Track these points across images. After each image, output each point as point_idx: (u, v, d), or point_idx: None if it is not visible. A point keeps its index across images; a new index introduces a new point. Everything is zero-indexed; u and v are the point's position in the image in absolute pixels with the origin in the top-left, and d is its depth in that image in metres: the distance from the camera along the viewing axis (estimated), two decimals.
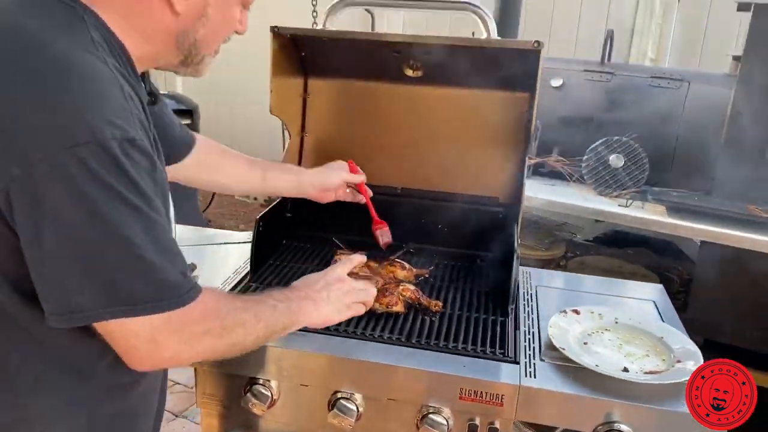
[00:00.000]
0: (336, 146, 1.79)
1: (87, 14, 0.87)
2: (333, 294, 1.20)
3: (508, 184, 1.69)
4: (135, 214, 0.81)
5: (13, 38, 0.82)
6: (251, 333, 1.00)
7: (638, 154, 2.37)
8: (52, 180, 0.76)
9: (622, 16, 3.63)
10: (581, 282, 1.69)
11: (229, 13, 1.00)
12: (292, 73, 1.73)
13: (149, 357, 0.89)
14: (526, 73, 1.50)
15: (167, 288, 0.86)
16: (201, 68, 1.04)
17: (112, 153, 0.78)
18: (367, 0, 1.93)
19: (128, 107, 0.83)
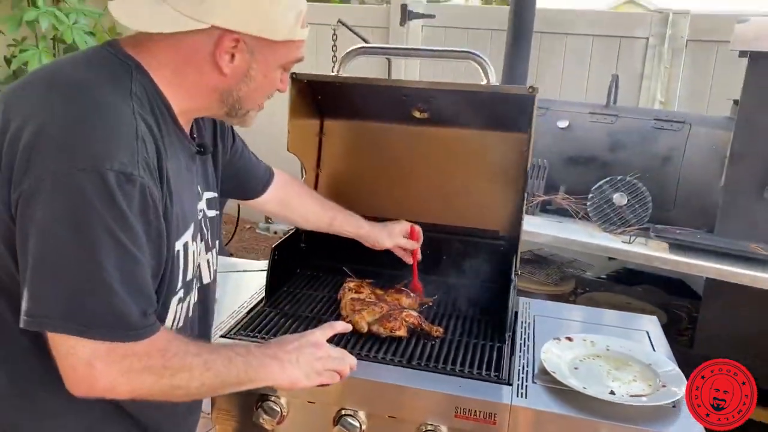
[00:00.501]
0: (348, 181, 1.92)
1: (138, 71, 1.01)
2: (303, 358, 1.14)
3: (509, 218, 1.79)
4: (114, 243, 0.89)
5: (61, 83, 0.98)
6: (196, 379, 0.99)
7: (641, 192, 2.46)
8: (50, 195, 0.87)
9: (631, 61, 3.74)
10: (578, 312, 1.77)
11: (270, 74, 1.11)
12: (309, 115, 1.87)
13: (85, 381, 0.92)
14: (524, 115, 1.62)
15: (122, 320, 0.91)
16: (246, 120, 1.16)
17: (108, 183, 0.88)
18: (378, 49, 2.08)
19: (135, 147, 0.92)
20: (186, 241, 1.10)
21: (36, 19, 4.35)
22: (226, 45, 1.02)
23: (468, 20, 4.17)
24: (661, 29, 3.60)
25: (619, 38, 3.77)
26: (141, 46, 1.04)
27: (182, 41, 1.02)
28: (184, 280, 1.12)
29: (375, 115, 1.85)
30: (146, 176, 0.93)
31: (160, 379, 0.96)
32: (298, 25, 1.08)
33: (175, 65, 1.04)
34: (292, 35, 1.08)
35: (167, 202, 1.01)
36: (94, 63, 1.01)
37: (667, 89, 3.65)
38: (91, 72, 0.99)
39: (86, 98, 0.94)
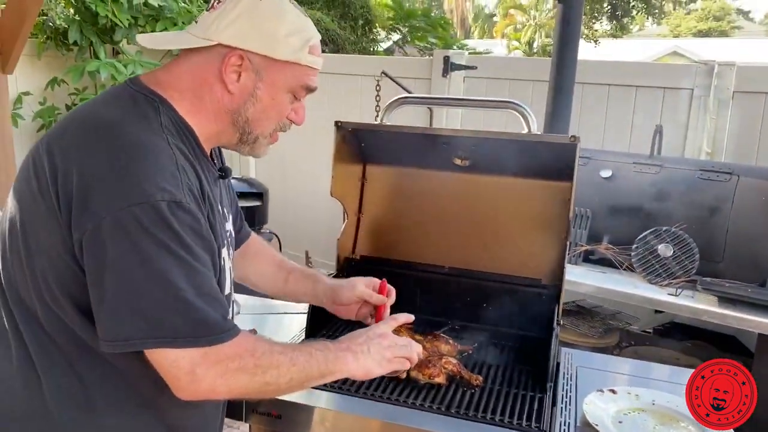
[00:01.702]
0: (389, 227, 1.94)
1: (162, 105, 1.09)
2: (374, 348, 1.22)
3: (551, 267, 1.77)
4: (178, 262, 0.97)
5: (98, 125, 1.05)
6: (285, 375, 1.07)
7: (688, 244, 2.41)
8: (113, 233, 0.95)
9: (676, 112, 3.71)
10: (622, 364, 1.72)
11: (277, 97, 1.15)
12: (352, 161, 1.91)
13: (189, 387, 1.00)
14: (566, 164, 1.62)
15: (205, 326, 0.99)
16: (257, 148, 1.21)
17: (161, 212, 0.96)
18: (420, 99, 2.13)
19: (179, 176, 1.01)
20: (224, 257, 1.17)
21: (97, 69, 4.61)
22: (232, 62, 1.09)
23: (509, 71, 4.23)
24: (706, 80, 3.58)
25: (662, 89, 3.76)
26: (160, 80, 1.12)
27: (194, 64, 1.11)
28: (224, 294, 1.17)
29: (416, 162, 1.88)
30: (191, 201, 1.01)
31: (254, 377, 1.04)
32: (304, 50, 1.14)
33: (191, 92, 1.11)
34: (297, 58, 1.13)
35: (210, 218, 1.09)
36: (122, 101, 1.09)
37: (714, 140, 3.60)
38: (121, 110, 1.06)
39: (123, 137, 1.01)
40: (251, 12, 1.10)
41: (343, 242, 1.89)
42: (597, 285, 2.46)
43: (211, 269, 1.06)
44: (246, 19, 1.09)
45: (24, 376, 1.06)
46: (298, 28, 1.14)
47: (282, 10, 1.12)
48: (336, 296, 1.52)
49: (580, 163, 2.76)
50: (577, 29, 2.83)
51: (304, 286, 1.56)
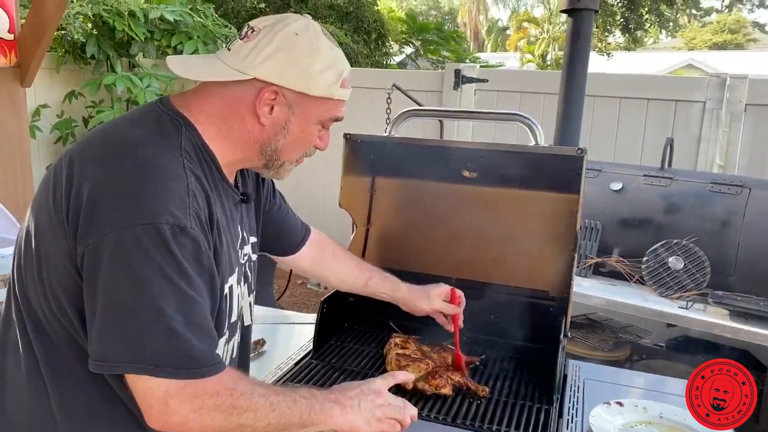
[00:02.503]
0: (398, 238, 1.95)
1: (187, 127, 1.09)
2: (365, 404, 1.17)
3: (559, 279, 1.77)
4: (172, 288, 0.96)
5: (119, 142, 1.06)
6: (262, 419, 1.03)
7: (699, 257, 2.39)
8: (112, 250, 0.95)
9: (688, 124, 3.71)
10: (630, 377, 1.72)
11: (307, 129, 1.16)
12: (361, 173, 1.93)
13: (160, 417, 0.97)
14: (573, 176, 1.63)
15: (188, 358, 0.96)
16: (281, 172, 1.22)
17: (163, 235, 0.95)
18: (428, 112, 2.15)
19: (187, 201, 1.00)
20: (232, 284, 1.16)
21: (114, 82, 4.69)
22: (266, 97, 1.10)
23: (520, 84, 4.25)
24: (718, 93, 3.58)
25: (674, 102, 3.76)
26: (190, 102, 1.13)
27: (227, 93, 1.11)
28: (229, 322, 1.17)
29: (425, 174, 1.90)
30: (197, 227, 1.00)
31: (229, 416, 1.00)
32: (337, 84, 1.14)
33: (220, 119, 1.12)
34: (330, 93, 1.14)
35: (217, 246, 1.08)
36: (146, 121, 1.10)
37: (726, 153, 3.59)
38: (143, 130, 1.07)
39: (140, 157, 1.01)
40: (288, 47, 1.09)
41: (351, 252, 1.91)
42: (607, 297, 2.45)
43: (208, 299, 1.04)
44: (282, 54, 1.09)
45: (32, 386, 1.07)
46: (331, 62, 1.13)
47: (318, 45, 1.12)
48: (414, 306, 1.61)
49: (590, 175, 2.78)
50: (587, 43, 2.85)
51: (383, 288, 1.63)
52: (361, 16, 9.19)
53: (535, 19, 24.36)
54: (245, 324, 1.30)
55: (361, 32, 9.13)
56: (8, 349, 1.11)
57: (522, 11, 28.95)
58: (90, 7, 4.72)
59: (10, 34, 3.05)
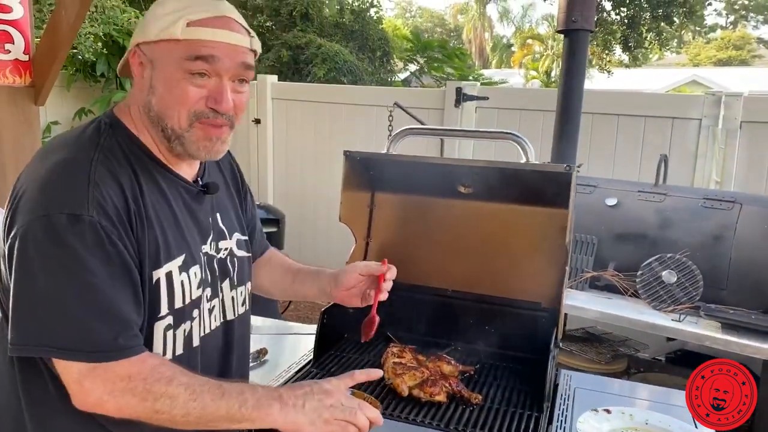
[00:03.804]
0: (396, 252, 2.01)
1: (114, 127, 1.16)
2: (310, 404, 1.10)
3: (551, 291, 1.83)
4: (70, 277, 1.01)
5: (46, 151, 1.15)
6: (180, 407, 1.03)
7: (692, 270, 2.45)
8: (19, 245, 1.03)
9: (685, 141, 3.78)
10: (620, 386, 1.77)
11: (170, 79, 1.12)
12: (361, 188, 2.00)
13: (78, 396, 1.03)
14: (563, 192, 1.70)
15: (90, 342, 1.01)
16: (186, 144, 1.15)
17: (58, 225, 1.01)
18: (424, 130, 2.23)
19: (87, 191, 1.03)
20: (170, 270, 1.15)
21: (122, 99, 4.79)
22: (134, 61, 1.16)
23: (520, 102, 4.33)
24: (714, 111, 3.64)
25: (671, 119, 3.83)
26: (124, 104, 1.21)
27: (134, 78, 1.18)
28: (172, 308, 1.16)
29: (423, 189, 1.97)
30: (98, 214, 1.03)
31: (143, 401, 1.02)
32: (178, 24, 1.10)
33: (136, 107, 1.18)
34: (170, 34, 1.10)
35: (139, 232, 1.10)
36: (81, 128, 1.17)
37: (723, 169, 3.64)
38: (71, 136, 1.15)
39: (56, 159, 1.08)
40: (148, 12, 1.16)
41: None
42: (602, 311, 2.50)
43: (118, 285, 1.05)
44: (143, 18, 1.16)
45: (9, 378, 1.15)
46: (178, 7, 1.12)
47: None
48: (339, 281, 1.48)
49: (585, 191, 2.85)
50: (583, 61, 2.93)
51: (309, 282, 1.54)
52: (366, 34, 9.35)
53: (539, 36, 24.56)
54: (227, 318, 1.32)
55: (366, 50, 9.28)
56: None
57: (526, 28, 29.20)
58: (101, 27, 4.85)
59: (25, 55, 3.15)
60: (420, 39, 11.31)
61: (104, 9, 4.91)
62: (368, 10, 9.64)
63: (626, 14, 9.54)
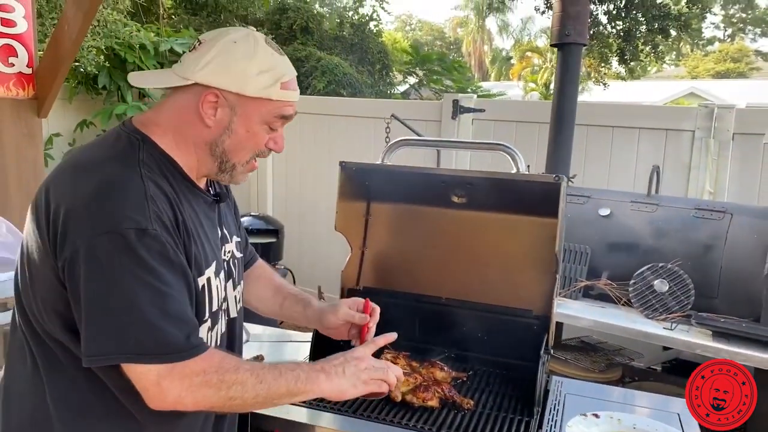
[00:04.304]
0: (391, 260, 2.06)
1: (144, 142, 1.21)
2: (349, 369, 1.25)
3: (542, 299, 1.87)
4: (143, 285, 1.07)
5: (84, 165, 1.19)
6: (250, 390, 1.13)
7: (683, 279, 2.48)
8: (86, 259, 1.06)
9: (679, 152, 3.82)
10: (610, 392, 1.80)
11: (252, 129, 1.25)
12: (356, 198, 2.04)
13: (156, 397, 1.09)
14: (552, 202, 1.74)
15: (166, 344, 1.08)
16: (235, 175, 1.30)
17: (128, 239, 1.06)
18: (418, 141, 2.27)
19: (147, 206, 1.10)
20: (209, 277, 1.25)
21: (124, 112, 4.86)
22: (208, 99, 1.21)
23: (516, 114, 4.38)
24: (706, 123, 3.69)
25: (665, 131, 3.87)
26: (147, 119, 1.26)
27: (176, 102, 1.24)
28: (211, 311, 1.27)
29: (417, 199, 2.01)
30: (159, 227, 1.11)
31: (218, 392, 1.11)
32: (275, 86, 1.23)
33: (173, 127, 1.24)
34: (268, 94, 1.23)
35: (186, 243, 1.18)
36: (108, 142, 1.22)
37: (716, 180, 3.69)
38: (103, 151, 1.20)
39: (102, 174, 1.13)
40: (225, 53, 1.20)
41: (347, 274, 2.02)
42: (595, 319, 2.54)
43: (182, 290, 1.14)
44: (220, 59, 1.20)
45: (33, 388, 1.19)
46: (270, 66, 1.23)
47: (254, 50, 1.22)
48: (323, 320, 1.56)
49: (579, 201, 2.89)
50: (576, 74, 2.98)
51: (296, 311, 1.62)
52: (366, 47, 9.44)
53: (538, 48, 24.73)
54: (231, 316, 1.40)
55: (365, 63, 9.36)
56: (14, 357, 1.25)
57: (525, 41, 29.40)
58: (103, 41, 4.92)
59: (29, 68, 3.21)
60: (419, 52, 11.40)
61: (106, 23, 4.98)
62: (368, 24, 9.73)
63: (622, 27, 9.64)
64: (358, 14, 9.93)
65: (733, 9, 32.30)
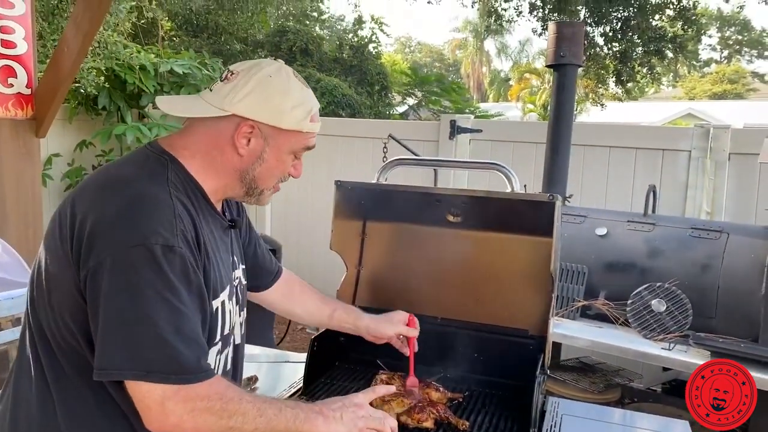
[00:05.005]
0: (387, 279, 2.05)
1: (172, 162, 1.23)
2: (347, 416, 1.25)
3: (537, 319, 1.86)
4: (163, 302, 1.07)
5: (112, 181, 1.20)
6: (250, 422, 1.12)
7: (681, 299, 2.47)
8: (110, 270, 1.07)
9: (675, 172, 3.84)
10: (607, 413, 1.78)
11: (281, 158, 1.31)
12: (352, 217, 2.04)
13: (158, 418, 1.08)
14: (547, 221, 1.74)
15: (178, 365, 1.07)
16: (262, 199, 1.35)
17: (154, 254, 1.07)
18: (414, 161, 2.28)
19: (174, 223, 1.12)
20: (223, 300, 1.27)
21: (124, 132, 4.88)
22: (244, 130, 1.24)
23: (513, 134, 4.41)
24: (703, 143, 3.71)
25: (661, 151, 3.89)
26: (174, 141, 1.28)
27: (208, 129, 1.26)
28: (222, 334, 1.28)
29: (413, 218, 2.01)
30: (184, 246, 1.13)
31: (219, 420, 1.10)
32: (306, 119, 1.30)
33: (203, 152, 1.26)
34: (300, 127, 1.29)
35: (205, 264, 1.20)
36: (136, 161, 1.25)
37: (713, 200, 3.69)
38: (133, 168, 1.22)
39: (131, 189, 1.15)
40: (263, 87, 1.24)
41: (342, 293, 2.01)
42: (593, 339, 2.52)
43: (196, 312, 1.15)
44: (257, 93, 1.24)
45: (42, 405, 1.19)
46: (301, 101, 1.29)
47: (289, 86, 1.28)
48: (378, 331, 1.69)
49: (576, 221, 2.89)
50: (572, 95, 3.00)
51: (347, 322, 1.72)
52: (365, 69, 9.52)
53: (536, 70, 24.93)
54: (236, 343, 1.41)
55: (364, 84, 9.44)
56: (23, 373, 1.23)
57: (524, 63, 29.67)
58: (103, 62, 4.96)
59: (28, 88, 3.24)
60: (418, 73, 11.50)
61: (107, 44, 5.02)
62: (367, 46, 9.83)
63: (618, 49, 9.73)
64: (358, 36, 10.03)
65: (729, 31, 32.65)
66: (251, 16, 9.69)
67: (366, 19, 10.12)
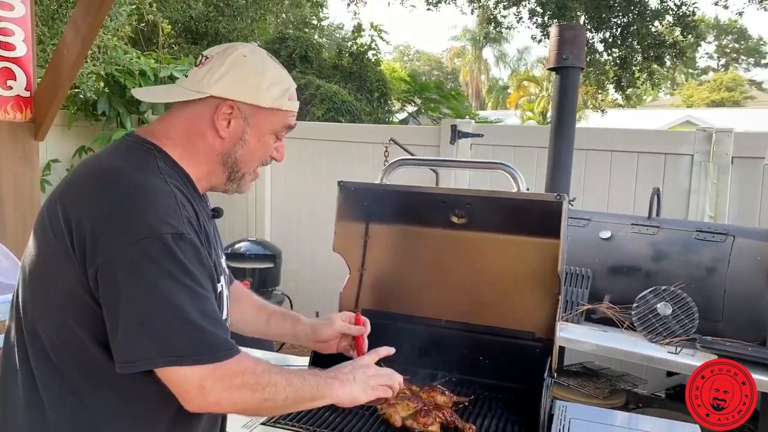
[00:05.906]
0: (391, 282, 2.02)
1: (158, 152, 1.21)
2: (359, 376, 1.30)
3: (544, 321, 1.83)
4: (183, 288, 1.07)
5: (102, 173, 1.17)
6: (281, 392, 1.15)
7: (687, 302, 2.44)
8: (124, 265, 1.06)
9: (678, 176, 3.81)
10: (615, 417, 1.75)
11: (263, 139, 1.29)
12: (355, 219, 2.02)
13: (197, 399, 1.09)
14: (554, 222, 1.71)
15: (209, 345, 1.08)
16: (242, 185, 1.33)
17: (167, 243, 1.07)
18: (417, 161, 2.26)
19: (179, 211, 1.12)
20: (222, 284, 1.28)
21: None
22: (224, 111, 1.23)
23: (514, 138, 4.39)
24: (705, 147, 3.69)
25: (664, 155, 3.87)
26: (155, 131, 1.26)
27: (187, 114, 1.25)
28: (223, 317, 1.27)
29: (417, 220, 1.99)
30: (191, 232, 1.13)
31: (254, 392, 1.12)
32: (284, 97, 1.28)
33: (184, 138, 1.25)
34: (279, 105, 1.27)
35: (208, 250, 1.19)
36: (120, 152, 1.22)
37: (716, 204, 3.67)
38: (121, 159, 1.19)
39: (126, 181, 1.13)
40: (238, 67, 1.23)
41: (345, 296, 1.98)
42: (598, 343, 2.49)
43: (212, 294, 1.16)
44: (234, 73, 1.23)
45: (30, 411, 1.15)
46: (277, 79, 1.28)
47: (264, 65, 1.27)
48: (317, 335, 1.59)
49: (579, 224, 2.86)
50: (574, 98, 2.99)
51: (284, 327, 1.63)
52: (364, 76, 9.51)
53: (534, 78, 25.01)
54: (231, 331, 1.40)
55: (364, 91, 9.43)
56: (7, 377, 1.20)
57: (522, 71, 29.75)
58: (103, 66, 4.95)
59: (27, 91, 3.22)
60: (417, 81, 11.51)
61: (107, 49, 5.01)
62: (366, 53, 9.83)
63: (618, 55, 9.75)
64: (357, 44, 10.04)
65: (726, 39, 32.80)
66: (251, 24, 9.69)
67: (365, 27, 10.13)
